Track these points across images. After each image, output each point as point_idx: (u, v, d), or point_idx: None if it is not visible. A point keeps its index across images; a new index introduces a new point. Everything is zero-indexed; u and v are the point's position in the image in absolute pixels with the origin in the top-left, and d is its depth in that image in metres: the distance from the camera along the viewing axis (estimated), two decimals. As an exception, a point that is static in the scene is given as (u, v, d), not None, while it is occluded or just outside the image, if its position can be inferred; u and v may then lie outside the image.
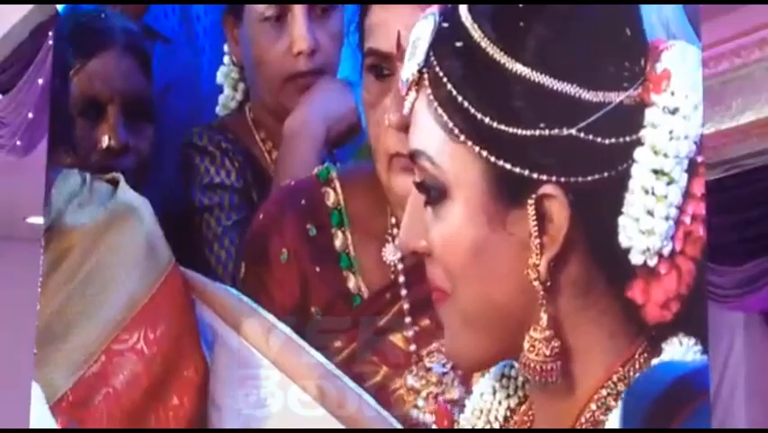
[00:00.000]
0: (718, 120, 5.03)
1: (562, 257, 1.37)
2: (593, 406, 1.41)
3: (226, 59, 2.35)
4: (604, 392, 1.42)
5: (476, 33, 1.38)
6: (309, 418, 1.72)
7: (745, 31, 4.99)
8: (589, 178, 1.38)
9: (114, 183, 1.76)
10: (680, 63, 1.42)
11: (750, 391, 5.10)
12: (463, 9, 1.40)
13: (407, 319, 1.81)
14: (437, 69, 1.40)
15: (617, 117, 1.39)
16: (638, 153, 1.39)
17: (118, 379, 1.64)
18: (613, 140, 1.39)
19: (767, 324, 4.97)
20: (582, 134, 1.39)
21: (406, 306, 1.81)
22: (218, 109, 2.38)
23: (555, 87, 1.36)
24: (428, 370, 1.79)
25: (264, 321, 1.77)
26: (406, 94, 1.42)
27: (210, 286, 1.78)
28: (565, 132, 1.39)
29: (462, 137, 1.37)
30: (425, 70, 1.41)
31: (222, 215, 2.15)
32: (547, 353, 1.37)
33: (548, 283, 1.36)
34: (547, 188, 1.36)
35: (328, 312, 1.84)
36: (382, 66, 1.81)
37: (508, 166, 1.37)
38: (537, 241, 1.36)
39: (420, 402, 1.78)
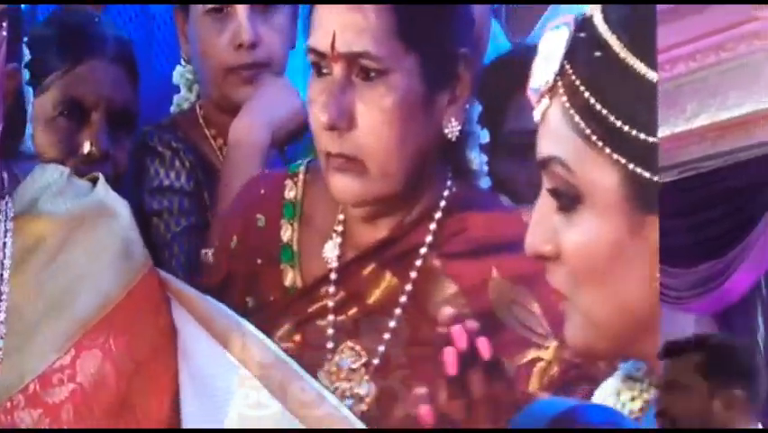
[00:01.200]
0: (673, 123, 5.07)
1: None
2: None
3: (182, 59, 2.33)
4: None
5: (614, 43, 1.40)
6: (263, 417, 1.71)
7: (701, 35, 5.03)
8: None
9: (94, 182, 1.71)
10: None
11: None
12: (599, 19, 1.41)
13: (330, 315, 1.84)
14: (573, 77, 1.41)
15: None
16: None
17: (86, 376, 1.61)
18: None
19: (718, 325, 5.01)
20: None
21: (330, 303, 1.84)
22: (172, 109, 2.36)
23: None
24: (338, 366, 1.82)
25: (234, 324, 1.76)
26: (539, 101, 1.44)
27: (185, 289, 1.77)
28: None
29: (600, 144, 1.38)
30: (559, 79, 1.42)
31: (171, 220, 2.14)
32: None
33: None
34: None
35: (261, 303, 1.87)
36: (320, 64, 1.82)
37: (647, 174, 1.37)
38: None
39: None
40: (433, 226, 1.83)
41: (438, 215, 1.83)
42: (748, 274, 4.73)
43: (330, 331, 1.85)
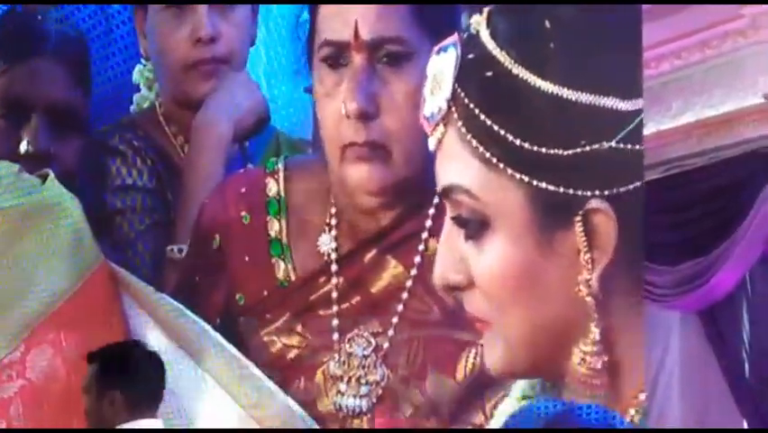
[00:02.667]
0: (659, 120, 5.07)
1: (612, 269, 1.34)
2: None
3: (142, 58, 2.36)
4: (632, 411, 1.39)
5: (505, 60, 1.29)
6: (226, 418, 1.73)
7: (686, 33, 5.03)
8: (631, 186, 1.35)
9: (44, 178, 1.66)
10: None
11: (685, 389, 5.15)
12: (486, 36, 1.38)
13: (334, 305, 1.87)
14: (466, 101, 1.36)
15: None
16: None
17: (36, 372, 1.57)
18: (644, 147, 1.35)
19: (703, 323, 5.01)
20: (621, 145, 1.36)
21: (334, 293, 1.85)
22: (133, 108, 2.39)
23: (591, 102, 1.33)
24: (350, 355, 1.84)
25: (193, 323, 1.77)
26: (433, 130, 1.32)
27: (138, 285, 1.77)
28: (605, 145, 1.36)
29: (501, 165, 1.34)
30: (452, 104, 1.29)
31: (135, 218, 2.12)
32: (598, 366, 1.35)
33: (600, 297, 1.33)
34: (593, 203, 1.33)
35: (252, 299, 1.88)
36: (338, 56, 1.81)
37: (552, 187, 1.33)
38: (588, 256, 1.33)
39: (342, 386, 1.85)
40: (432, 211, 1.83)
41: (436, 199, 1.81)
42: (733, 272, 4.74)
43: (335, 321, 1.85)
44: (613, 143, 1.32)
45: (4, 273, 1.59)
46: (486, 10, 1.36)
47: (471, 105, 1.35)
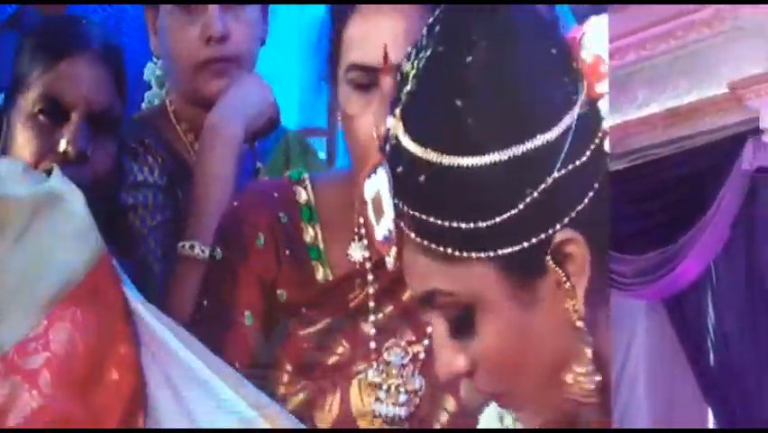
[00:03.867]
0: (624, 111, 5.10)
1: (591, 287, 1.35)
2: None
3: (153, 56, 2.34)
4: None
5: (432, 157, 1.35)
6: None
7: (652, 23, 5.07)
8: (585, 200, 1.36)
9: (49, 173, 1.80)
10: (600, 40, 1.40)
11: (651, 377, 5.19)
12: (407, 141, 1.37)
13: (372, 305, 1.87)
14: (411, 212, 1.36)
15: (580, 131, 1.36)
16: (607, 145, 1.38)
17: (59, 345, 1.71)
18: (588, 153, 1.37)
19: (669, 311, 5.05)
20: (564, 171, 1.35)
21: (371, 291, 1.86)
22: (143, 106, 2.36)
23: (523, 151, 1.33)
24: (388, 364, 1.86)
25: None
26: (389, 250, 1.40)
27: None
28: (549, 181, 1.35)
29: (458, 253, 1.34)
30: (398, 222, 1.38)
31: (147, 214, 2.17)
32: (591, 387, 1.36)
33: (588, 317, 1.34)
34: (557, 237, 1.32)
35: (294, 296, 1.90)
36: (366, 79, 1.82)
37: (516, 248, 1.34)
38: (568, 284, 1.33)
39: (381, 394, 1.85)
40: None
41: None
42: (698, 260, 4.78)
43: (372, 330, 1.87)
44: (555, 174, 1.30)
45: (21, 257, 1.73)
46: (397, 111, 1.36)
47: (417, 214, 1.35)
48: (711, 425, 5.00)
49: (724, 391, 4.81)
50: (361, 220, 1.84)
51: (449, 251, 1.34)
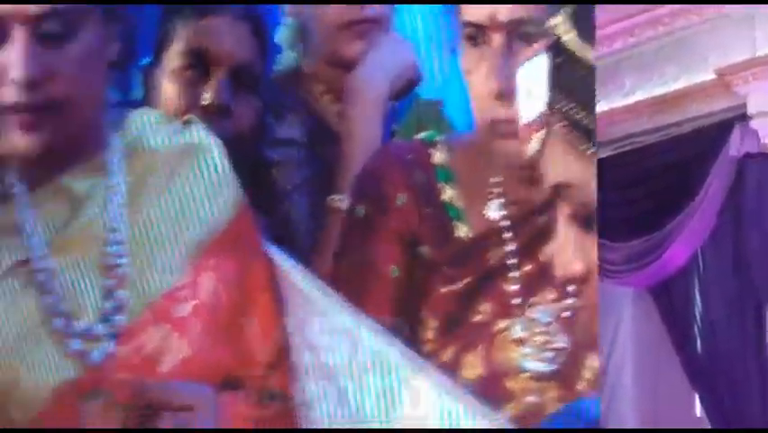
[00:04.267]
0: (611, 98, 5.09)
1: None
2: None
3: (285, 19, 2.39)
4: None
5: (588, 55, 1.43)
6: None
7: (638, 10, 5.06)
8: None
9: (187, 124, 1.88)
10: None
11: (638, 365, 5.19)
12: (569, 37, 1.45)
13: (512, 261, 1.92)
14: (564, 102, 1.43)
15: None
16: None
17: (205, 294, 1.76)
18: None
19: (655, 299, 5.05)
20: None
21: (511, 247, 1.92)
22: (276, 68, 2.39)
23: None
24: (532, 320, 1.90)
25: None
26: (535, 133, 1.49)
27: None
28: None
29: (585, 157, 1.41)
30: (551, 108, 1.46)
31: (291, 171, 2.24)
32: None
33: None
34: None
35: (437, 252, 1.96)
36: (477, 36, 1.92)
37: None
38: None
39: (527, 350, 1.89)
40: None
41: None
42: (685, 247, 4.77)
43: (514, 287, 1.91)
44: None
45: (166, 207, 1.79)
46: (564, 12, 1.48)
47: (571, 105, 1.42)
48: (698, 413, 5.00)
49: (711, 378, 4.81)
50: (498, 179, 1.93)
51: (592, 149, 1.40)
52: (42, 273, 1.72)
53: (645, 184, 4.89)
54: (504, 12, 1.86)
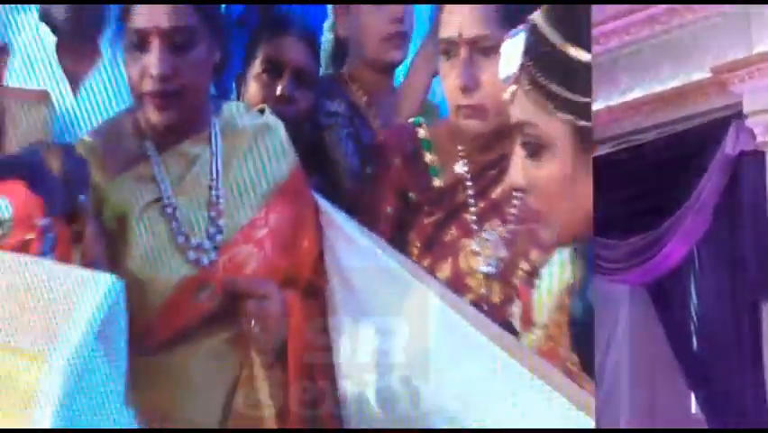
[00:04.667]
0: (608, 96, 5.11)
1: None
2: None
3: (332, 33, 3.29)
4: None
5: (555, 39, 2.04)
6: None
7: (635, 8, 5.07)
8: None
9: (262, 111, 2.76)
10: None
11: (635, 361, 5.21)
12: (542, 24, 2.06)
13: (471, 201, 2.74)
14: (531, 69, 2.05)
15: None
16: None
17: (274, 223, 2.62)
18: None
19: (652, 296, 5.06)
20: None
21: (471, 192, 2.74)
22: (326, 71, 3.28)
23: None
24: (485, 240, 2.71)
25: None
26: (508, 86, 2.11)
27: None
28: None
29: (552, 108, 2.02)
30: (520, 71, 2.07)
31: (340, 128, 3.08)
32: None
33: None
34: None
35: (420, 197, 2.80)
36: (450, 50, 2.72)
37: (583, 123, 2.02)
38: None
39: (481, 259, 2.70)
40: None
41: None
42: (681, 244, 4.79)
43: (473, 218, 2.73)
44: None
45: (247, 167, 2.59)
46: (542, 9, 2.11)
47: (534, 71, 2.06)
48: (694, 410, 5.02)
49: (707, 376, 4.82)
50: (461, 147, 2.77)
51: (548, 104, 2.03)
52: (169, 207, 2.55)
53: (642, 182, 4.90)
54: (468, 30, 2.68)
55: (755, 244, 4.59)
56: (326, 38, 3.29)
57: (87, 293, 2.09)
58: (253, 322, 2.50)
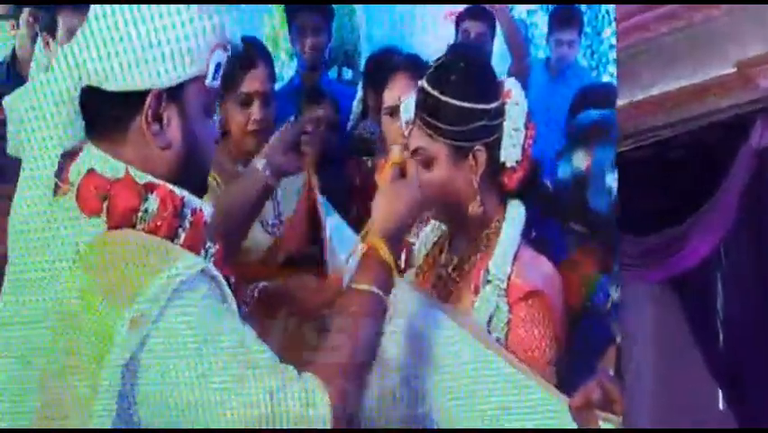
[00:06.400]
0: (630, 92, 5.08)
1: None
2: None
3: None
4: None
5: (437, 94, 2.93)
6: None
7: (656, 4, 5.04)
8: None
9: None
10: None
11: (660, 360, 5.19)
12: (428, 87, 2.95)
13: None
14: (421, 113, 2.97)
15: None
16: None
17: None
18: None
19: (677, 293, 5.04)
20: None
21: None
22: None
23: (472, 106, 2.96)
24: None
25: None
26: (407, 127, 3.04)
27: None
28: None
29: (437, 136, 2.94)
30: (414, 117, 2.99)
31: (364, 140, 4.41)
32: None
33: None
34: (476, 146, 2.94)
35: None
36: (393, 112, 3.73)
37: (457, 143, 2.92)
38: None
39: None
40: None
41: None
42: (707, 241, 4.76)
43: None
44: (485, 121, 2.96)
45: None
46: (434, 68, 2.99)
47: (424, 115, 2.94)
48: (722, 407, 4.99)
49: (734, 373, 4.80)
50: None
51: (434, 135, 2.92)
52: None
53: (666, 178, 4.89)
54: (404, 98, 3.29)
55: (782, 238, 4.56)
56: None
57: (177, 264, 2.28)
58: None
